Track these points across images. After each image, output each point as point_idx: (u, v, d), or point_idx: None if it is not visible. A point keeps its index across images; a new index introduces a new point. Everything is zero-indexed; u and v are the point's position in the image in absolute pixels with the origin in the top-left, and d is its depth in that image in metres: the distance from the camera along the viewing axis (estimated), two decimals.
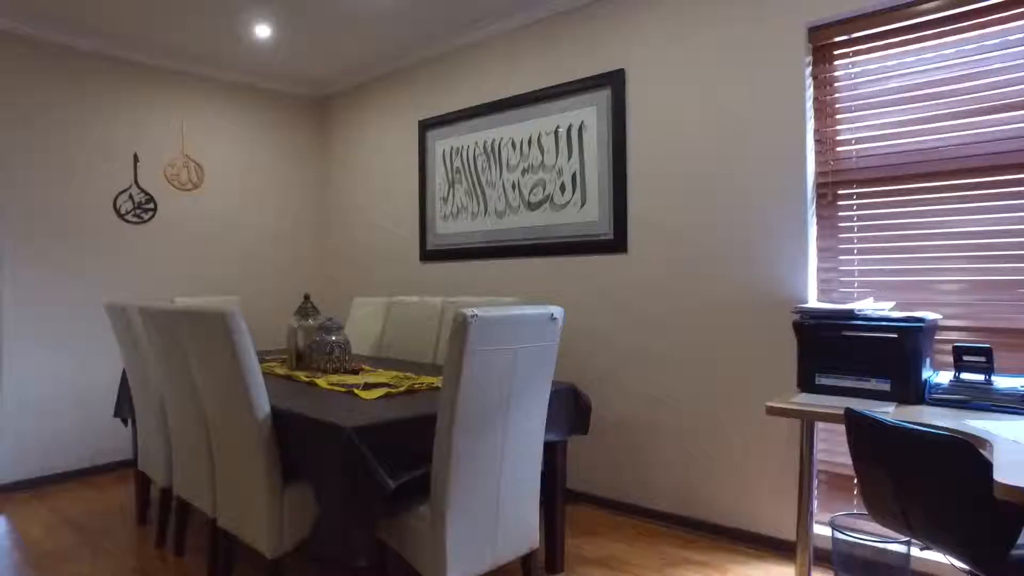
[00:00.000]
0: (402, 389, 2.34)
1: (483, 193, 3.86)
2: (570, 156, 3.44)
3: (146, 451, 2.98)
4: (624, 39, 3.23)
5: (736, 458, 2.86)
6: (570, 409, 2.53)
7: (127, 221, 4.09)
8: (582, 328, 3.39)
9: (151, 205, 4.18)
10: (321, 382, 2.53)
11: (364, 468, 1.80)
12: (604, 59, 3.31)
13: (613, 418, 3.27)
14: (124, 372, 3.15)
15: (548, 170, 3.54)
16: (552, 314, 2.07)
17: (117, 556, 2.83)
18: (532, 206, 3.61)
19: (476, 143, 3.90)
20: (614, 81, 3.25)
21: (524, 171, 3.65)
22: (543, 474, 2.28)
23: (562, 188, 3.48)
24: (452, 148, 4.04)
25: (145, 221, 4.16)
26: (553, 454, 2.51)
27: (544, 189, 3.56)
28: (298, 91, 4.90)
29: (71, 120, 3.89)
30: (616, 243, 3.25)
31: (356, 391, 2.32)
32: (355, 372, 2.78)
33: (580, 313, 3.40)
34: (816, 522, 2.52)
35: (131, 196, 4.10)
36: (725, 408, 2.89)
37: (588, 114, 3.37)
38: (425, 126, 4.21)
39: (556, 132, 3.50)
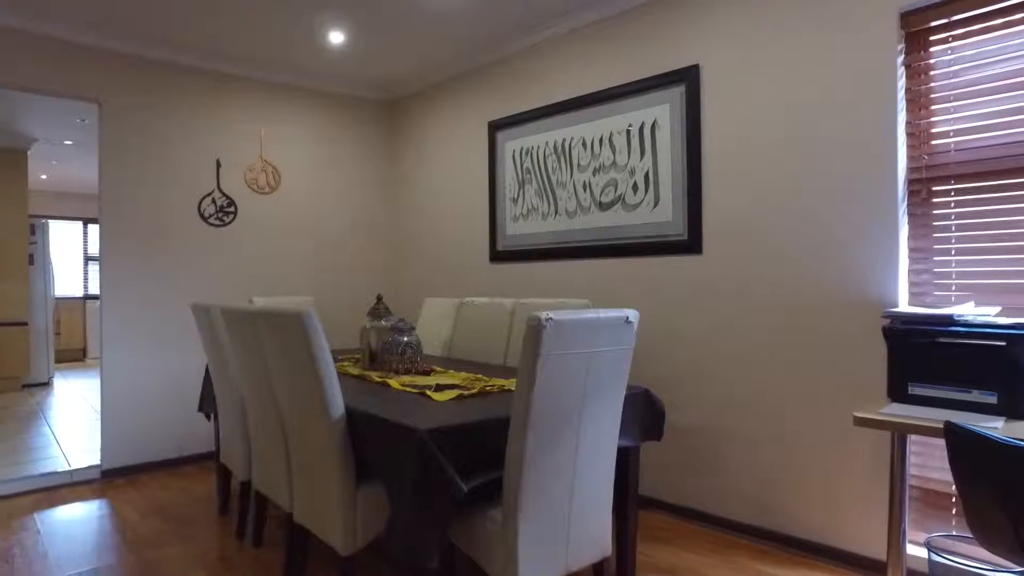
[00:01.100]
0: (474, 391, 2.34)
1: (553, 193, 3.83)
2: (642, 155, 3.37)
3: (227, 445, 3.10)
4: (698, 34, 3.13)
5: (817, 468, 2.72)
6: (644, 414, 2.47)
7: (210, 224, 4.27)
8: (655, 331, 3.31)
9: (232, 208, 4.35)
10: (393, 383, 2.56)
11: (437, 470, 1.80)
12: (677, 55, 3.22)
13: (686, 423, 3.17)
14: (207, 369, 3.29)
15: (620, 170, 3.48)
16: (627, 317, 2.02)
17: (201, 543, 2.95)
18: (603, 206, 3.55)
19: (547, 143, 3.87)
20: (688, 77, 3.16)
21: (595, 171, 3.60)
22: (615, 480, 2.23)
23: (634, 188, 3.40)
24: (522, 148, 4.02)
25: (226, 224, 4.34)
26: (626, 460, 2.45)
27: (616, 189, 3.50)
28: (369, 94, 5.00)
29: (163, 130, 4.09)
30: (690, 244, 3.15)
31: (428, 392, 2.33)
32: (426, 373, 2.80)
33: (653, 315, 3.32)
34: (909, 542, 2.36)
35: (214, 200, 4.28)
36: (805, 415, 2.76)
37: (661, 112, 3.28)
38: (495, 127, 4.21)
39: (628, 131, 3.43)
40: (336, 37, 3.95)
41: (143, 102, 4.02)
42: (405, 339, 2.83)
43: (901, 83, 2.53)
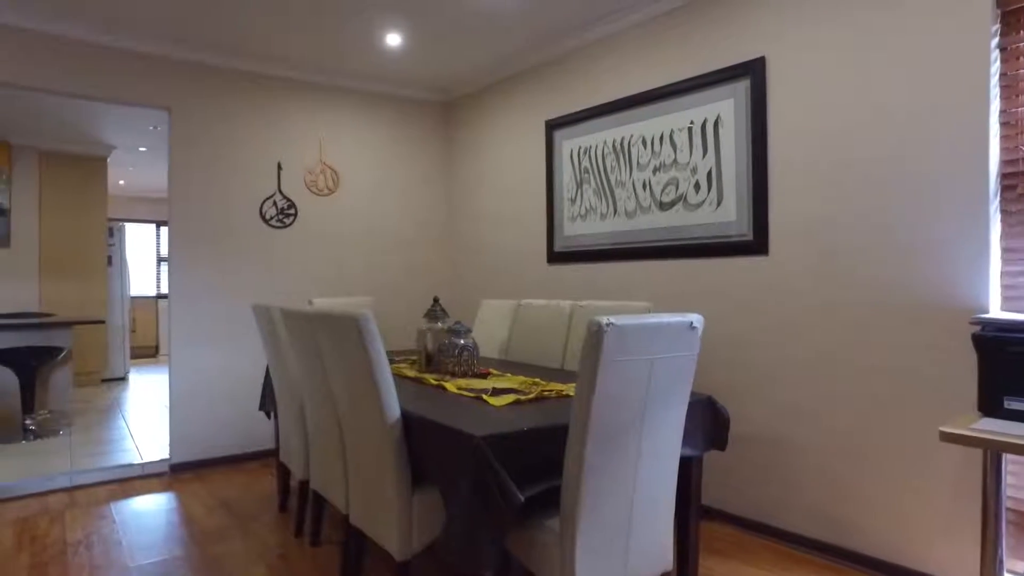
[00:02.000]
0: (531, 396, 2.29)
1: (612, 193, 3.74)
2: (705, 152, 3.24)
3: (286, 444, 3.14)
4: (763, 24, 2.99)
5: (894, 485, 2.55)
6: (707, 423, 2.37)
7: (271, 226, 4.37)
8: (718, 335, 3.18)
9: (292, 210, 4.44)
10: (450, 386, 2.53)
11: (494, 478, 1.76)
12: (741, 48, 3.09)
13: (751, 431, 3.04)
14: (268, 369, 3.35)
15: (681, 168, 3.36)
16: (692, 322, 1.92)
17: (262, 540, 3.00)
18: (664, 206, 3.45)
19: (605, 142, 3.78)
20: (753, 70, 3.02)
21: (655, 169, 3.49)
22: (676, 490, 2.13)
23: (696, 187, 3.28)
24: (580, 148, 3.95)
25: (287, 226, 4.42)
26: (688, 470, 2.35)
27: (677, 188, 3.38)
28: (426, 96, 5.02)
29: (227, 134, 4.21)
30: (756, 244, 3.02)
31: (485, 397, 2.29)
32: (483, 376, 2.77)
33: (715, 319, 3.19)
34: (1008, 571, 2.18)
35: (275, 202, 4.38)
36: (881, 428, 2.59)
37: (725, 107, 3.16)
38: (552, 126, 4.15)
39: (690, 128, 3.31)
40: (393, 39, 3.97)
41: (209, 108, 4.14)
42: (462, 342, 2.80)
43: (995, 68, 2.34)
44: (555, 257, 4.13)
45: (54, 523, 3.27)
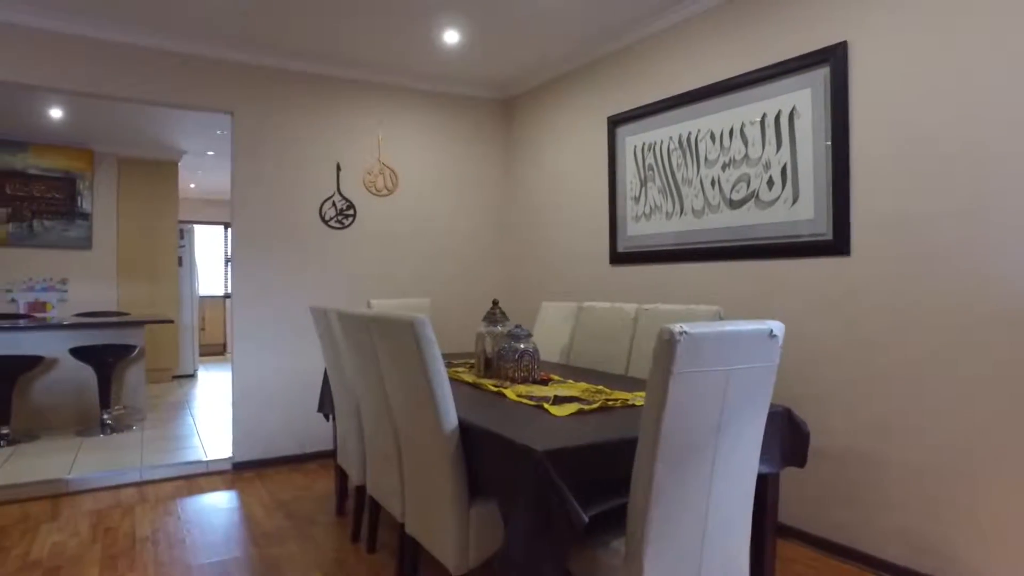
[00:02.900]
0: (595, 406, 2.17)
1: (678, 191, 3.57)
2: (779, 147, 3.04)
3: (344, 448, 3.12)
4: (845, 6, 2.77)
5: (996, 510, 2.31)
6: (785, 437, 2.19)
7: (330, 227, 4.38)
8: (792, 341, 2.98)
9: (351, 211, 4.44)
10: (509, 393, 2.43)
11: (556, 496, 1.65)
12: (820, 33, 2.87)
13: (831, 446, 2.82)
14: (326, 371, 3.34)
15: (753, 163, 3.17)
16: (772, 330, 1.77)
17: (319, 544, 2.98)
18: (734, 204, 3.26)
19: (670, 138, 3.62)
20: (834, 57, 2.81)
21: (725, 166, 3.31)
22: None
23: (769, 183, 3.09)
24: (644, 144, 3.79)
25: (346, 226, 4.43)
26: (764, 487, 2.18)
27: (748, 185, 3.19)
28: (484, 94, 4.95)
29: (288, 136, 4.24)
30: (836, 244, 2.80)
31: (546, 406, 2.18)
32: (544, 382, 2.66)
33: (792, 324, 2.99)
34: None
35: (334, 203, 4.39)
36: (986, 445, 2.35)
37: (801, 98, 2.95)
38: (614, 122, 4.00)
39: (762, 121, 3.12)
40: (451, 37, 3.91)
41: (269, 110, 4.18)
42: (522, 346, 2.70)
43: None
44: (618, 258, 3.99)
45: (125, 517, 3.35)
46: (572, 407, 2.16)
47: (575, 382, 2.70)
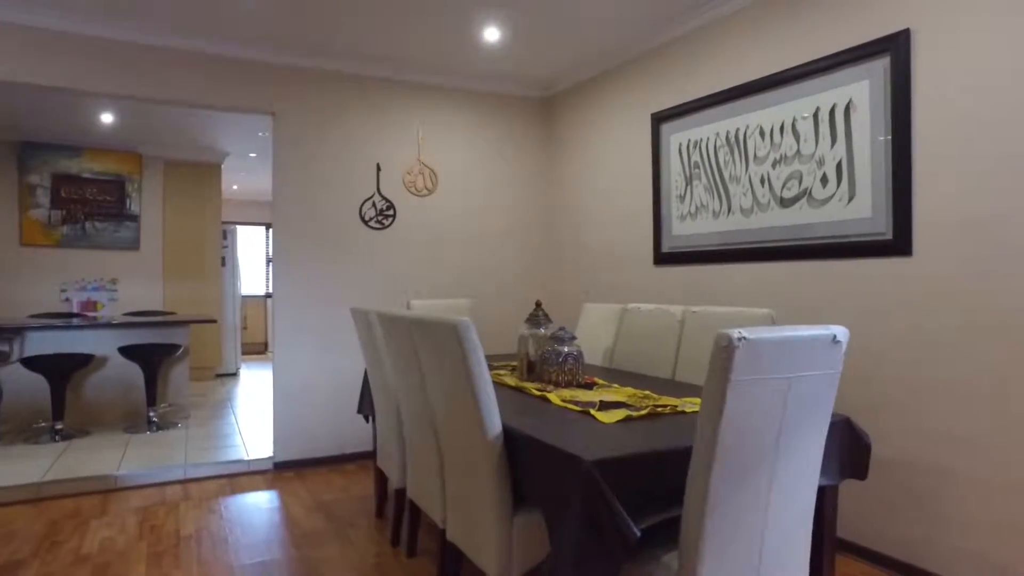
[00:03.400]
0: (643, 412, 2.09)
1: (726, 189, 3.46)
2: (834, 142, 2.91)
3: (384, 450, 3.09)
4: None
5: None
6: (845, 447, 2.08)
7: (370, 227, 4.38)
8: (851, 347, 2.83)
9: (391, 211, 4.43)
10: (553, 397, 2.37)
11: (606, 508, 1.58)
12: (879, 20, 2.73)
13: (892, 457, 2.68)
14: (366, 372, 3.32)
15: (805, 160, 3.04)
16: (835, 336, 1.66)
17: (358, 547, 2.96)
18: (785, 202, 3.13)
19: (717, 134, 3.50)
20: (895, 46, 2.66)
21: (775, 163, 3.18)
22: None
23: (823, 180, 2.95)
24: (690, 141, 3.68)
25: (386, 227, 4.42)
26: (822, 500, 2.07)
27: (800, 182, 3.06)
28: (523, 92, 4.89)
29: (328, 137, 4.25)
30: (897, 244, 2.66)
31: (593, 412, 2.11)
32: (588, 386, 2.59)
33: (849, 328, 2.84)
34: None
35: (374, 203, 4.38)
36: None
37: (858, 90, 2.81)
38: (659, 119, 3.90)
39: (815, 115, 2.99)
40: (492, 34, 3.86)
41: (310, 111, 4.20)
42: (566, 349, 2.63)
43: None
44: (662, 258, 3.89)
45: (170, 514, 3.38)
46: (619, 413, 2.08)
47: (620, 386, 2.62)
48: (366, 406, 3.42)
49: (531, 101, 4.96)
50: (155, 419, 4.99)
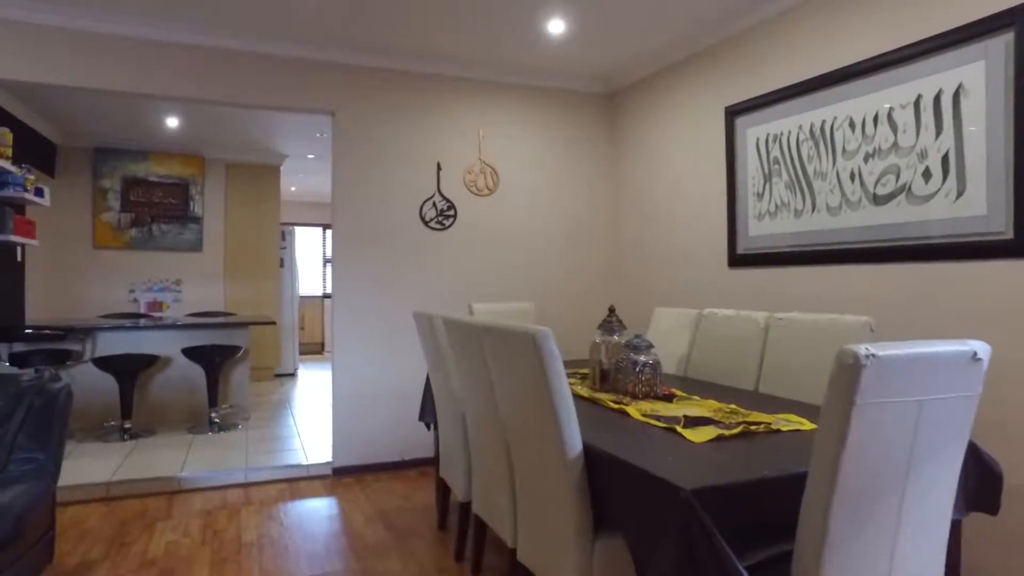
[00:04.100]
0: (736, 431, 1.90)
1: (810, 186, 3.21)
2: (939, 132, 2.64)
3: (447, 461, 2.97)
4: None
5: None
6: (971, 477, 1.84)
7: (431, 228, 4.28)
8: None
9: (451, 212, 4.32)
10: (632, 411, 2.20)
11: (706, 543, 1.40)
12: None
13: (1019, 486, 2.40)
14: (428, 378, 3.21)
15: (904, 153, 2.78)
16: (975, 353, 1.45)
17: (420, 561, 2.85)
18: (879, 199, 2.87)
19: (800, 127, 3.26)
20: (1018, 21, 2.38)
21: (868, 156, 2.92)
22: None
23: (926, 174, 2.69)
24: (769, 135, 3.45)
25: (446, 227, 4.31)
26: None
27: (897, 177, 2.80)
28: (587, 88, 4.71)
29: (388, 136, 4.17)
30: (1019, 244, 2.38)
31: (678, 429, 1.93)
32: (667, 398, 2.41)
33: (957, 337, 2.58)
34: None
35: (434, 204, 4.28)
36: None
37: (970, 73, 2.54)
38: (733, 113, 3.67)
39: (917, 103, 2.72)
40: (556, 26, 3.71)
41: (369, 110, 4.13)
42: (642, 358, 2.46)
43: None
44: (737, 260, 3.65)
45: (231, 519, 3.35)
46: (709, 431, 1.90)
47: (701, 399, 2.42)
48: (428, 413, 3.31)
49: (595, 97, 4.78)
50: (217, 420, 5.03)
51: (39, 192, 5.33)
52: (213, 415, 5.03)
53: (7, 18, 3.38)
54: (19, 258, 5.63)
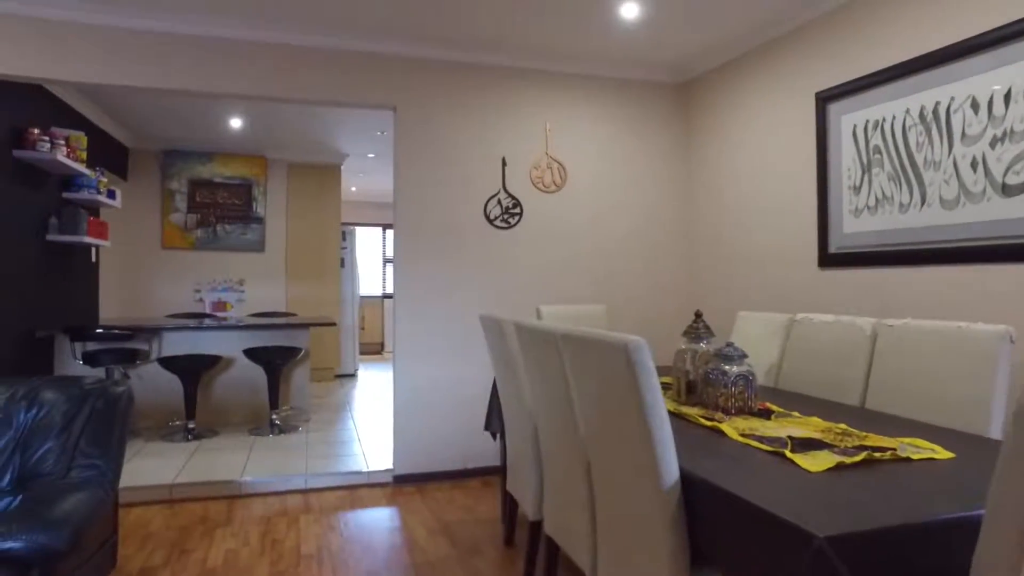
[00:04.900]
0: (858, 459, 1.63)
1: (918, 177, 2.87)
2: None
3: (515, 475, 2.78)
4: None
5: None
6: None
7: (496, 226, 4.10)
8: None
9: (517, 209, 4.13)
10: (728, 429, 1.95)
11: None
12: None
13: None
14: (494, 385, 3.03)
15: None
16: None
17: None
18: (1009, 190, 2.52)
19: (907, 111, 2.92)
20: None
21: (995, 141, 2.57)
22: None
23: None
24: (869, 122, 3.12)
25: (512, 226, 4.13)
26: None
27: None
28: (658, 77, 4.45)
29: (451, 131, 4.02)
30: None
31: (788, 454, 1.68)
32: (765, 415, 2.15)
33: None
34: None
35: (499, 201, 4.10)
36: None
37: None
38: (825, 98, 3.35)
39: None
40: (629, 11, 3.47)
41: (432, 104, 3.98)
42: (735, 369, 2.20)
43: None
44: (829, 260, 3.33)
45: (291, 528, 3.25)
46: (826, 458, 1.64)
47: (802, 415, 2.15)
48: (495, 423, 3.13)
49: (666, 87, 4.50)
50: (277, 422, 4.99)
51: (111, 194, 5.43)
52: (274, 417, 4.99)
53: (75, 21, 3.38)
54: (93, 259, 5.76)
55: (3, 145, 4.00)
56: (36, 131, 4.18)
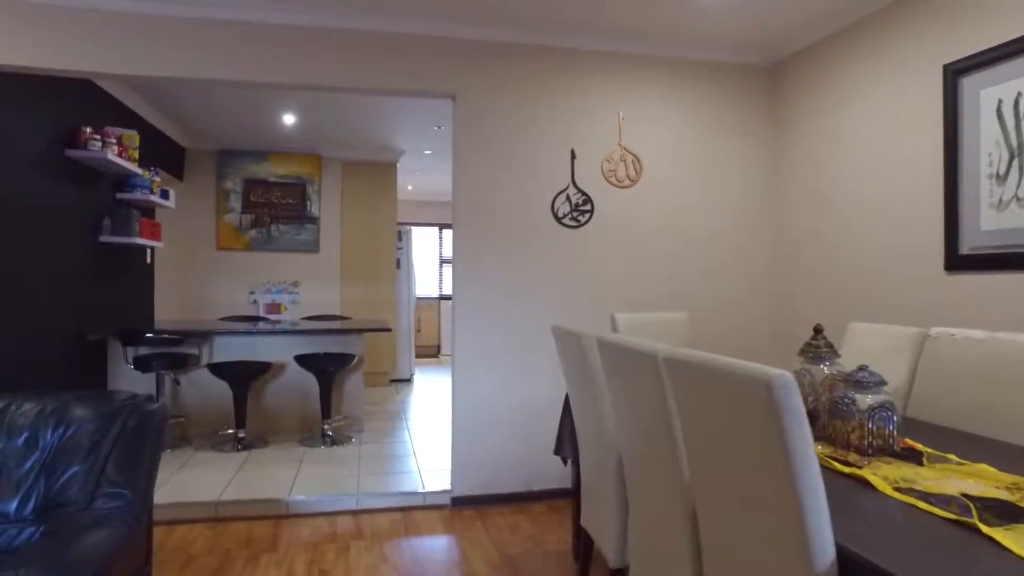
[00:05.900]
0: None
1: None
2: None
3: (592, 510, 2.41)
4: None
5: None
6: None
7: (564, 225, 3.73)
8: None
9: (588, 206, 3.75)
10: (874, 479, 1.54)
11: None
12: None
13: None
14: (566, 403, 2.67)
15: None
16: None
17: None
18: None
19: None
20: None
21: None
22: None
23: None
24: (1019, 96, 2.61)
25: (581, 224, 3.75)
26: None
27: None
28: (744, 59, 3.98)
29: (514, 119, 3.67)
30: None
31: (985, 529, 1.25)
32: (912, 458, 1.71)
33: None
34: None
35: (568, 197, 3.72)
36: None
37: None
38: (957, 72, 2.85)
39: None
40: None
41: (493, 91, 3.64)
42: (870, 399, 1.77)
43: None
44: (959, 263, 2.83)
45: (340, 557, 2.97)
46: None
47: (960, 459, 1.71)
48: (567, 447, 2.76)
49: (753, 69, 4.03)
50: (329, 433, 4.75)
51: (164, 194, 5.31)
52: (326, 427, 4.76)
53: (115, 10, 3.19)
54: (148, 260, 5.67)
55: (57, 144, 3.88)
56: (88, 129, 4.06)
